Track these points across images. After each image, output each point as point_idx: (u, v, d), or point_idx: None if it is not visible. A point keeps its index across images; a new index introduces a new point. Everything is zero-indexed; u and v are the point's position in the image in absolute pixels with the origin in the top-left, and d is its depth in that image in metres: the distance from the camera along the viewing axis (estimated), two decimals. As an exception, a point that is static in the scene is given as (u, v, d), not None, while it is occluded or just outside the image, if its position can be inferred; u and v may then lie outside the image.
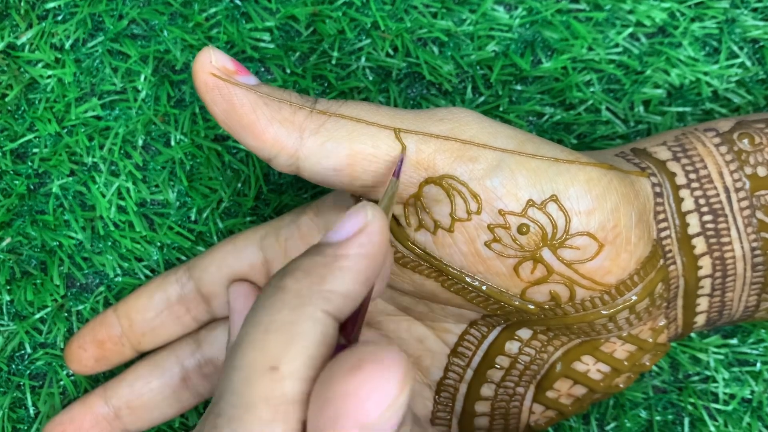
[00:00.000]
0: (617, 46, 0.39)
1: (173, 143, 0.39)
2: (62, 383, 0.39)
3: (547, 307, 0.30)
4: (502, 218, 0.29)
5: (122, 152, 0.39)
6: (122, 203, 0.39)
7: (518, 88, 0.39)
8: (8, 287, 0.39)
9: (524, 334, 0.33)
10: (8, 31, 0.39)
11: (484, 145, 0.29)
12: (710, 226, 0.32)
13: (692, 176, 0.32)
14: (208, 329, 0.37)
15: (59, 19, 0.40)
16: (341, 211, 0.33)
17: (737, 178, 0.32)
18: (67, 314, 0.39)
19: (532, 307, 0.30)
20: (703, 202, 0.32)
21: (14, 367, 0.40)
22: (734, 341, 0.39)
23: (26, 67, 0.39)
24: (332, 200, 0.34)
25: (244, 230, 0.37)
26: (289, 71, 0.39)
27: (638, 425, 0.39)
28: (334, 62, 0.39)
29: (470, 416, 0.35)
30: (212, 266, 0.36)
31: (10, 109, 0.39)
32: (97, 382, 0.39)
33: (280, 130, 0.29)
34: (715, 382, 0.39)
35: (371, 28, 0.39)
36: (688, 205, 0.32)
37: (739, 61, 0.39)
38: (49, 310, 0.39)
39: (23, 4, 0.39)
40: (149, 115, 0.39)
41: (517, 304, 0.30)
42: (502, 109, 0.39)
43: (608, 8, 0.39)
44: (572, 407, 0.34)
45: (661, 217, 0.31)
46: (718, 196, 0.32)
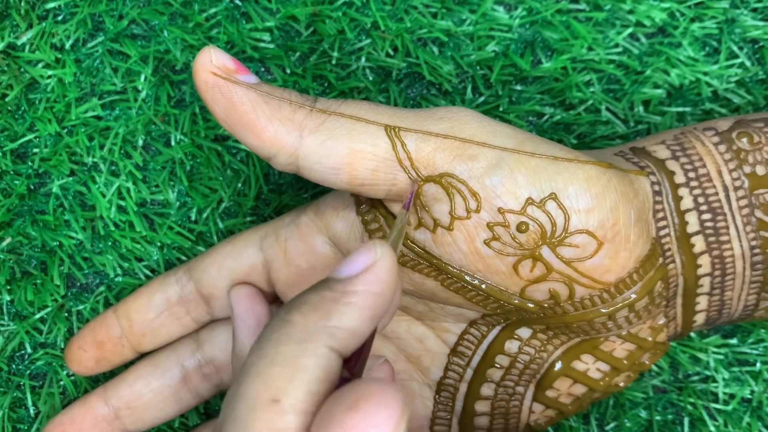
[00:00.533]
0: (617, 46, 0.39)
1: (173, 143, 0.39)
2: (62, 383, 0.39)
3: (546, 305, 0.30)
4: (501, 216, 0.29)
5: (122, 152, 0.39)
6: (122, 203, 0.39)
7: (518, 88, 0.40)
8: (8, 287, 0.39)
9: (524, 333, 0.33)
10: (8, 31, 0.39)
11: (483, 143, 0.29)
12: (709, 224, 0.32)
13: (691, 175, 0.32)
14: (208, 329, 0.37)
15: (59, 19, 0.40)
16: (341, 211, 0.33)
17: (736, 176, 0.32)
18: (67, 314, 0.39)
19: (531, 305, 0.30)
20: (702, 200, 0.32)
21: (14, 367, 0.40)
22: (734, 341, 0.39)
23: (26, 67, 0.39)
24: (332, 200, 0.34)
25: (243, 231, 0.37)
26: (289, 71, 0.39)
27: (638, 425, 0.39)
28: (334, 62, 0.39)
29: (470, 416, 0.35)
30: (212, 267, 0.36)
31: (10, 109, 0.39)
32: (97, 382, 0.39)
33: (279, 128, 0.29)
34: (715, 382, 0.39)
35: (371, 28, 0.39)
36: (687, 203, 0.32)
37: (738, 61, 0.39)
38: (49, 310, 0.39)
39: (23, 4, 0.39)
40: (149, 115, 0.39)
41: (516, 302, 0.30)
42: (502, 109, 0.39)
43: (608, 8, 0.39)
44: (572, 406, 0.34)
45: (660, 215, 0.31)
46: (717, 194, 0.32)
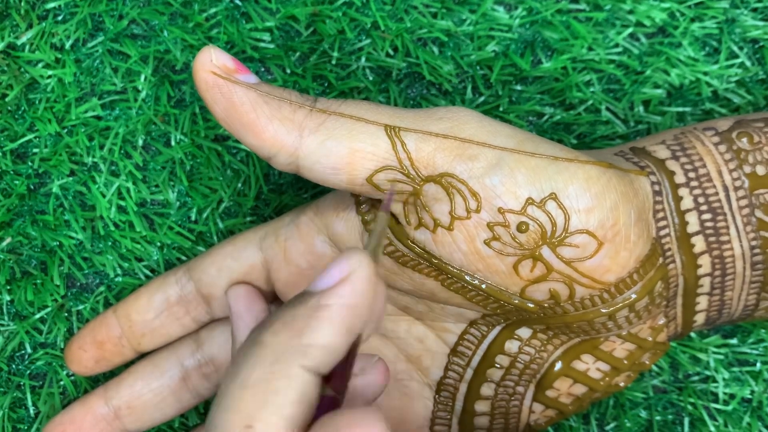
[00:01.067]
0: (617, 46, 0.39)
1: (173, 143, 0.39)
2: (62, 383, 0.39)
3: (546, 305, 0.30)
4: (501, 216, 0.29)
5: (122, 152, 0.39)
6: (122, 203, 0.39)
7: (518, 88, 0.40)
8: (8, 287, 0.39)
9: (524, 333, 0.33)
10: (8, 31, 0.39)
11: (483, 143, 0.29)
12: (709, 224, 0.32)
13: (691, 175, 0.32)
14: (208, 329, 0.37)
15: (59, 19, 0.40)
16: (341, 211, 0.33)
17: (736, 176, 0.32)
18: (67, 314, 0.39)
19: (531, 305, 0.30)
20: (702, 200, 0.32)
21: (14, 367, 0.40)
22: (734, 341, 0.39)
23: (26, 67, 0.39)
24: (332, 200, 0.34)
25: (243, 231, 0.37)
26: (289, 71, 0.39)
27: (638, 425, 0.39)
28: (334, 62, 0.39)
29: (470, 415, 0.35)
30: (212, 267, 0.36)
31: (10, 109, 0.39)
32: (97, 382, 0.39)
33: (279, 128, 0.29)
34: (715, 382, 0.39)
35: (371, 28, 0.39)
36: (687, 203, 0.32)
37: (738, 61, 0.39)
38: (49, 310, 0.39)
39: (23, 4, 0.39)
40: (149, 115, 0.39)
41: (516, 302, 0.30)
42: (502, 109, 0.39)
43: (608, 8, 0.39)
44: (572, 406, 0.34)
45: (660, 215, 0.31)
46: (717, 194, 0.32)
